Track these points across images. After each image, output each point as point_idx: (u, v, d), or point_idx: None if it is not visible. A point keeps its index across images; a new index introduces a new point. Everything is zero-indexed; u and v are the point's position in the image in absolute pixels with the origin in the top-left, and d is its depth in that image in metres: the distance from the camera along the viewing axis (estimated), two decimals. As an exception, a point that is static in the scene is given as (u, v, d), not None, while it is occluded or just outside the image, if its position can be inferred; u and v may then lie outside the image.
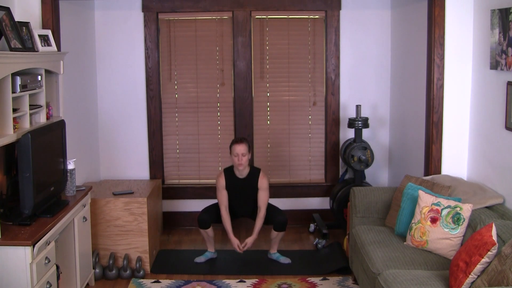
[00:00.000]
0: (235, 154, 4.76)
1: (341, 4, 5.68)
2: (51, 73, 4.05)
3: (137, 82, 5.71)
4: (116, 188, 5.01)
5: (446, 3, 4.37)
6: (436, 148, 4.52)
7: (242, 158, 4.74)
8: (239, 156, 4.74)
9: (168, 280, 4.57)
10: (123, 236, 4.69)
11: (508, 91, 3.77)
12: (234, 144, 4.79)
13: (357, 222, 4.36)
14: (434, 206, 3.71)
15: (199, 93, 5.82)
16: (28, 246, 3.13)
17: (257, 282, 4.52)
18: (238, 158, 4.75)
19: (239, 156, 4.74)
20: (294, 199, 5.92)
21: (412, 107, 5.10)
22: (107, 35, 5.62)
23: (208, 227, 4.85)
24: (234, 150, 4.77)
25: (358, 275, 4.04)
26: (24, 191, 3.38)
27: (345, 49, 5.76)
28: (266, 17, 5.75)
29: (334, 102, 5.79)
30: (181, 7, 5.61)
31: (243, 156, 4.74)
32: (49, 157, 3.74)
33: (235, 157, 4.77)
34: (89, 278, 4.33)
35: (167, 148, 5.85)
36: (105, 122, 5.72)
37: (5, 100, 3.30)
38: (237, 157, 4.75)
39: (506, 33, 3.72)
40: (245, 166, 4.80)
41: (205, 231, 4.87)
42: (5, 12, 3.54)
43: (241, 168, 4.78)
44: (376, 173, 5.91)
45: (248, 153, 4.78)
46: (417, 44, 4.90)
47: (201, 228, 4.86)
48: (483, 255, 2.93)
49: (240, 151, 4.74)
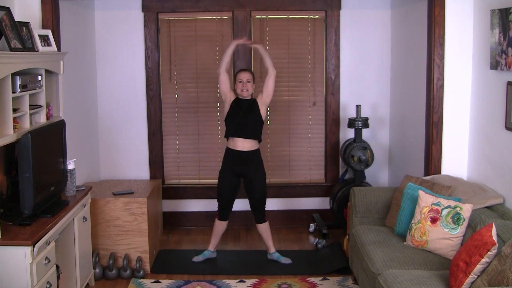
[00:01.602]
0: (240, 79, 4.74)
1: (341, 4, 5.68)
2: (51, 73, 4.05)
3: (137, 82, 5.71)
4: (116, 188, 5.01)
5: (446, 3, 4.37)
6: (436, 148, 4.52)
7: (247, 84, 4.73)
8: (243, 82, 4.73)
9: (168, 280, 4.57)
10: (123, 236, 4.69)
11: (508, 91, 3.77)
12: (240, 71, 4.80)
13: (357, 222, 4.36)
14: (434, 206, 3.71)
15: (199, 93, 5.82)
16: (28, 246, 3.13)
17: (257, 282, 4.52)
18: (242, 83, 4.73)
19: (244, 82, 4.73)
20: (294, 199, 5.92)
21: (412, 107, 5.10)
22: (107, 35, 5.62)
23: (227, 218, 4.89)
24: (238, 76, 4.76)
25: (358, 275, 4.04)
26: (24, 191, 3.38)
27: (345, 49, 5.76)
28: (266, 17, 5.75)
29: (334, 102, 5.79)
30: (181, 7, 5.61)
31: (248, 82, 4.73)
32: (49, 157, 3.74)
33: (239, 83, 4.74)
34: (89, 278, 4.34)
35: (167, 148, 5.85)
36: (105, 122, 5.72)
37: (5, 100, 3.30)
38: (241, 83, 4.73)
39: (506, 33, 3.72)
40: (249, 93, 4.78)
41: (221, 223, 4.90)
42: (5, 12, 3.54)
43: (245, 95, 4.75)
44: (376, 173, 5.91)
45: (252, 82, 4.78)
46: (417, 44, 4.90)
47: (221, 219, 4.89)
48: (483, 255, 2.93)
49: (245, 77, 4.73)
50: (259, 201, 4.83)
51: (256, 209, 4.85)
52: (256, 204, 4.83)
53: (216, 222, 4.92)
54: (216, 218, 4.92)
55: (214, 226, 4.94)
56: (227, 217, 4.90)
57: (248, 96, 4.80)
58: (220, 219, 4.90)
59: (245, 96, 4.77)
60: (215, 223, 4.93)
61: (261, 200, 4.83)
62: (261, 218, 4.86)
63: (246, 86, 4.73)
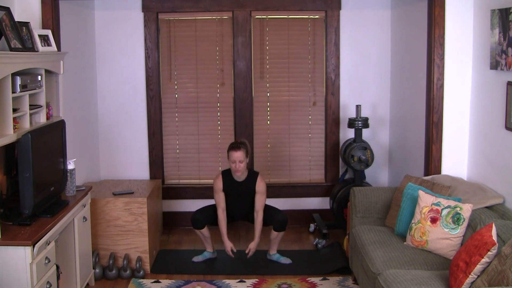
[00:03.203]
0: (232, 160, 4.75)
1: (341, 4, 5.68)
2: (51, 73, 4.05)
3: (137, 82, 5.72)
4: (116, 188, 5.01)
5: (446, 3, 4.37)
6: (436, 148, 4.52)
7: (239, 165, 4.73)
8: (236, 163, 4.74)
9: (168, 280, 4.57)
10: (123, 236, 4.69)
11: (508, 91, 3.77)
12: (231, 150, 4.77)
13: (357, 222, 4.36)
14: (434, 206, 3.71)
15: (199, 93, 5.82)
16: (28, 246, 3.13)
17: (257, 282, 4.52)
18: (235, 165, 4.75)
19: (236, 163, 4.74)
20: (294, 199, 5.92)
21: (412, 107, 5.10)
22: (107, 35, 5.62)
23: (202, 227, 4.85)
24: (231, 156, 4.76)
25: (358, 275, 4.04)
26: (24, 191, 3.38)
27: (345, 49, 5.76)
28: (266, 17, 5.75)
29: (334, 102, 5.79)
30: (181, 7, 5.61)
31: (240, 163, 4.73)
32: (49, 157, 3.74)
33: (232, 163, 4.76)
34: (89, 278, 4.34)
35: (167, 148, 5.85)
36: (105, 122, 5.72)
37: (5, 100, 3.30)
38: (234, 164, 4.75)
39: (506, 33, 3.72)
40: (242, 172, 4.79)
41: (200, 232, 4.87)
42: (5, 12, 3.54)
43: (238, 174, 4.79)
44: (376, 173, 5.91)
45: (245, 159, 4.77)
46: (417, 44, 4.90)
47: (195, 229, 4.87)
48: (483, 255, 2.93)
49: (237, 158, 4.73)
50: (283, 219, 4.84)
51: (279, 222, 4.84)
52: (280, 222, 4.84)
53: (196, 231, 4.90)
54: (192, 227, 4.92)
55: (197, 233, 4.94)
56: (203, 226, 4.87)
57: (242, 177, 4.83)
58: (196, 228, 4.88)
59: (238, 176, 4.81)
60: (195, 231, 4.91)
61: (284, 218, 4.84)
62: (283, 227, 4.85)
63: (238, 167, 4.74)
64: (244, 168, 4.78)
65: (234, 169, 4.76)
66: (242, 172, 4.78)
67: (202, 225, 4.85)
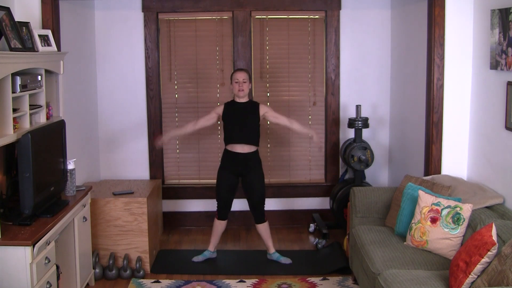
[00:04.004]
0: (236, 80, 4.72)
1: (341, 4, 5.69)
2: (51, 73, 4.05)
3: (137, 82, 5.71)
4: (116, 188, 5.01)
5: (446, 3, 4.37)
6: (436, 148, 4.52)
7: (243, 84, 4.70)
8: (239, 82, 4.71)
9: (168, 280, 4.57)
10: (123, 236, 4.69)
11: (508, 91, 3.77)
12: (235, 72, 4.78)
13: (357, 222, 4.36)
14: (434, 206, 3.71)
15: (199, 93, 5.82)
16: (28, 246, 3.13)
17: (257, 282, 4.52)
18: (239, 84, 4.71)
19: (240, 82, 4.71)
20: (294, 199, 5.92)
21: (412, 107, 5.10)
22: (107, 35, 5.63)
23: (226, 218, 4.89)
24: (235, 76, 4.74)
25: (358, 275, 4.04)
26: (24, 191, 3.38)
27: (345, 49, 5.76)
28: (266, 17, 5.75)
29: (334, 102, 5.79)
30: (181, 7, 5.62)
31: (244, 82, 4.71)
32: (49, 157, 3.74)
33: (235, 83, 4.72)
34: (89, 278, 4.34)
35: (167, 148, 5.85)
36: (105, 122, 5.72)
37: (5, 100, 3.30)
38: (238, 83, 4.71)
39: (506, 33, 3.72)
40: (245, 93, 4.76)
41: (220, 223, 4.90)
42: (5, 12, 3.54)
43: (241, 95, 4.73)
44: (376, 173, 5.91)
45: (248, 81, 4.76)
46: (417, 44, 4.90)
47: (220, 219, 4.89)
48: (483, 255, 2.93)
49: (241, 77, 4.71)
50: (258, 201, 4.83)
51: (255, 209, 4.85)
52: (255, 204, 4.83)
53: (216, 222, 4.92)
54: (216, 218, 4.92)
55: (214, 226, 4.94)
56: (226, 217, 4.91)
57: (244, 97, 4.79)
58: (219, 219, 4.90)
59: (241, 96, 4.76)
60: (215, 223, 4.93)
61: (260, 200, 4.83)
62: (260, 218, 4.86)
63: (242, 87, 4.71)
64: (247, 89, 4.75)
65: (238, 88, 4.71)
66: (245, 94, 4.75)
67: (226, 216, 4.89)
